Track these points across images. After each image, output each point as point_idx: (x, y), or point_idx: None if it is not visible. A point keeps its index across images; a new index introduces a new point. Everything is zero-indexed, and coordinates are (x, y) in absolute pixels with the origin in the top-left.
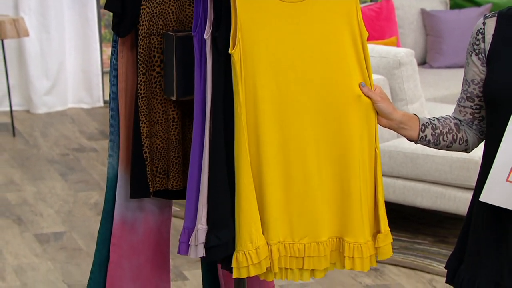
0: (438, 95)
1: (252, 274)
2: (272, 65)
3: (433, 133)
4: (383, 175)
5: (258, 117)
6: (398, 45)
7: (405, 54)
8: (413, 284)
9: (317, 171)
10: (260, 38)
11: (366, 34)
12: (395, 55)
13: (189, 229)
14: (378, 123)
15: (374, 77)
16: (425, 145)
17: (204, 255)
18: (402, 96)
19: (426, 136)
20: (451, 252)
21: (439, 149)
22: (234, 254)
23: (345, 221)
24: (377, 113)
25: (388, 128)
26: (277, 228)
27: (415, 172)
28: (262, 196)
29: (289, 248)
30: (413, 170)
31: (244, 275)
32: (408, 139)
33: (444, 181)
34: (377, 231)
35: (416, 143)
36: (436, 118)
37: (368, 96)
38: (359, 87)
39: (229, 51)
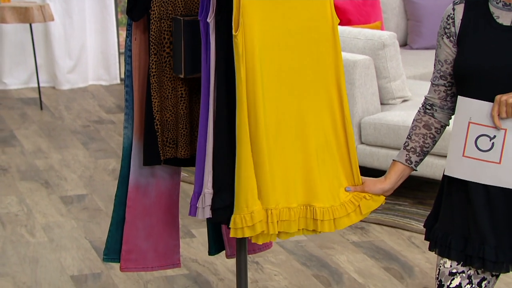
0: (417, 73)
1: (247, 235)
2: (267, 46)
3: (418, 154)
4: (369, 145)
5: (255, 95)
6: (382, 29)
7: (388, 36)
8: (395, 241)
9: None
10: (257, 21)
11: (337, 20)
12: (379, 37)
13: (198, 194)
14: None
15: (361, 57)
16: (422, 160)
17: (211, 216)
18: (386, 74)
19: (416, 161)
20: (428, 212)
21: (431, 149)
22: (232, 217)
23: (313, 188)
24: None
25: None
26: (275, 194)
27: (397, 142)
28: (259, 165)
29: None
30: (395, 140)
31: (239, 235)
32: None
33: None
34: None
35: (416, 170)
36: (409, 138)
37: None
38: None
39: (233, 33)
